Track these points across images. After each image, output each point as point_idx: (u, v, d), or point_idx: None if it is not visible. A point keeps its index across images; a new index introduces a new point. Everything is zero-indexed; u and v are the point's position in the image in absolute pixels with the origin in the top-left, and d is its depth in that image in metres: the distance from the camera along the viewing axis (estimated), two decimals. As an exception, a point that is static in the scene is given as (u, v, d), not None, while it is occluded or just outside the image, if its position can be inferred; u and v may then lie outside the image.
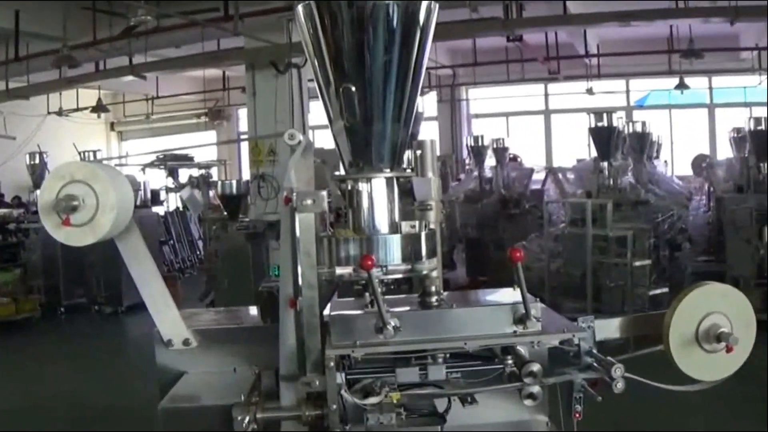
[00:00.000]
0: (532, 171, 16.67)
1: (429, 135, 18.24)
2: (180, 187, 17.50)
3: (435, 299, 3.01)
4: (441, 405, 3.00)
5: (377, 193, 3.14)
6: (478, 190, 15.95)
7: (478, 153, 16.62)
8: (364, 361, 2.85)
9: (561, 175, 15.65)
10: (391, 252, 3.03)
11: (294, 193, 2.96)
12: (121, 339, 12.74)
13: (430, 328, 2.84)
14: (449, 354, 2.96)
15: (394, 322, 2.74)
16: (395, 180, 3.18)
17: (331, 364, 2.76)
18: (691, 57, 16.63)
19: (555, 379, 2.92)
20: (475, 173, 16.60)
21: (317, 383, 2.82)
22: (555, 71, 19.12)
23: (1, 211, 15.95)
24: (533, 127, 23.96)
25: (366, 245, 3.02)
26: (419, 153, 3.45)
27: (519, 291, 2.79)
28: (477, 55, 19.38)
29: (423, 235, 3.12)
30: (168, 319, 3.61)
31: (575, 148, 18.37)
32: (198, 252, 20.18)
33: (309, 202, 2.93)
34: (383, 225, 3.14)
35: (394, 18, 2.99)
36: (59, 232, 3.08)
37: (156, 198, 19.39)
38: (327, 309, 3.06)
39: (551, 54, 18.28)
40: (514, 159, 17.81)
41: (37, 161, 16.40)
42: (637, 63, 20.00)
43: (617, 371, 2.83)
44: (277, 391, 3.04)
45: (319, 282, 2.97)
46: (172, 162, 17.98)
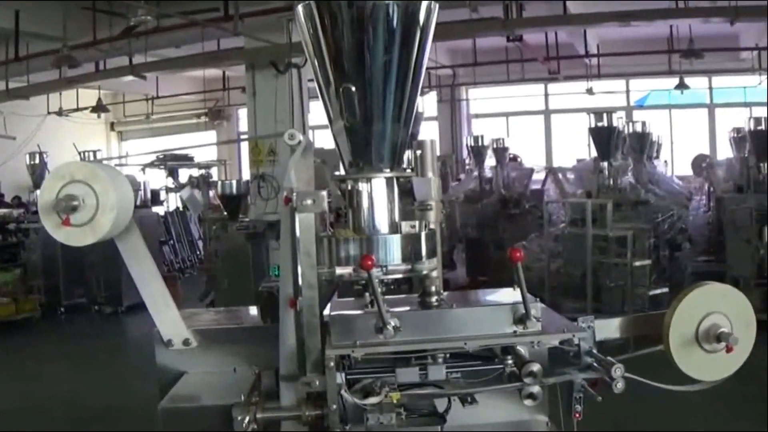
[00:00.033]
0: (532, 171, 16.66)
1: (429, 135, 18.23)
2: (180, 187, 17.50)
3: (435, 299, 3.00)
4: (441, 405, 3.00)
5: (377, 193, 3.14)
6: (478, 190, 15.94)
7: (478, 153, 16.61)
8: (364, 361, 2.85)
9: (561, 175, 15.64)
10: (391, 252, 3.03)
11: (294, 193, 2.96)
12: (121, 339, 12.73)
13: (430, 328, 2.84)
14: (449, 354, 2.96)
15: (394, 322, 2.74)
16: (395, 180, 3.18)
17: (331, 364, 2.76)
18: (691, 57, 16.63)
19: (555, 379, 2.93)
20: (475, 173, 16.59)
21: (317, 383, 2.82)
22: (555, 71, 19.11)
23: (1, 211, 15.94)
24: (533, 127, 23.95)
25: (366, 245, 3.02)
26: (419, 153, 3.45)
27: (519, 291, 2.79)
28: (477, 55, 19.39)
29: (423, 235, 3.12)
30: (168, 319, 3.61)
31: (575, 148, 18.38)
32: (198, 252, 20.17)
33: (309, 202, 2.93)
34: (383, 225, 3.14)
35: (394, 18, 3.00)
36: (59, 232, 3.08)
37: (156, 198, 19.38)
38: (327, 309, 3.06)
39: (551, 54, 18.27)
40: (514, 159, 17.80)
41: (37, 161, 16.39)
42: (637, 63, 19.99)
43: (617, 371, 2.83)
44: (277, 391, 3.04)
45: (319, 282, 2.97)
46: (172, 162, 17.98)
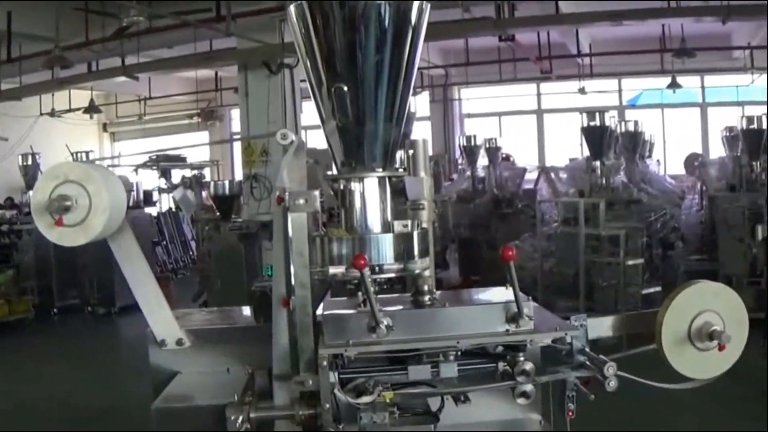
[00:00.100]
0: (524, 170, 16.68)
1: (422, 135, 18.22)
2: (173, 188, 17.52)
3: (428, 298, 3.01)
4: (434, 404, 3.01)
5: (369, 193, 3.14)
6: (470, 189, 15.96)
7: (470, 153, 16.63)
8: (357, 361, 2.85)
9: (553, 175, 15.66)
10: (384, 251, 3.04)
11: (287, 193, 2.96)
12: (115, 340, 12.72)
13: (422, 327, 2.84)
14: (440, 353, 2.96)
15: (386, 321, 2.75)
16: (387, 179, 3.19)
17: (324, 363, 2.76)
18: (684, 56, 16.65)
19: (548, 378, 2.93)
20: (468, 173, 16.61)
21: (310, 382, 2.82)
22: (547, 71, 19.15)
23: (-6, 213, 15.90)
24: (526, 127, 23.96)
25: (358, 244, 3.03)
26: (411, 152, 3.46)
27: (511, 290, 2.80)
28: (469, 55, 19.42)
29: (415, 235, 3.13)
30: (161, 320, 3.61)
31: (568, 147, 18.35)
32: (191, 252, 20.13)
33: (301, 201, 2.93)
34: (376, 224, 3.14)
35: (385, 18, 3.00)
36: (52, 232, 3.08)
37: (149, 199, 19.37)
38: (320, 308, 3.06)
39: (543, 53, 18.29)
40: (506, 158, 17.80)
41: (30, 162, 16.34)
42: (630, 62, 20.01)
43: (610, 369, 2.83)
44: (271, 391, 3.04)
45: (312, 281, 2.97)
46: (164, 163, 17.98)
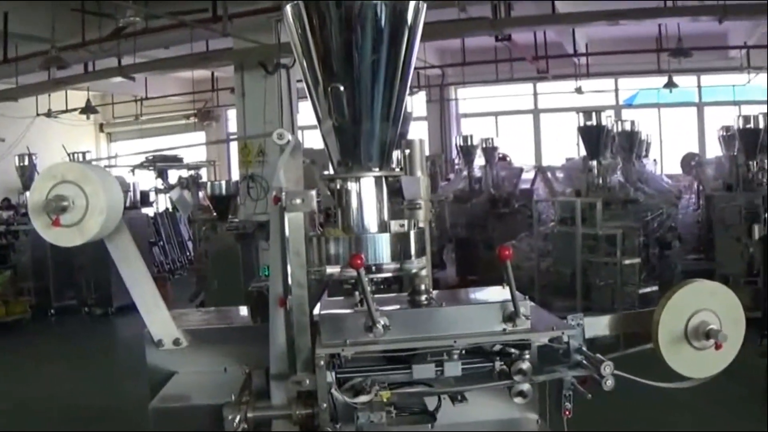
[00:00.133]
0: (521, 170, 16.65)
1: (418, 135, 18.22)
2: (169, 188, 17.48)
3: (424, 298, 3.01)
4: (431, 404, 3.01)
5: (366, 193, 3.14)
6: (467, 189, 15.93)
7: (467, 152, 16.59)
8: (354, 360, 2.85)
9: (550, 174, 15.62)
10: (381, 251, 3.04)
11: (283, 193, 2.96)
12: (112, 340, 12.71)
13: (419, 326, 2.85)
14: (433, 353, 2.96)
15: (383, 320, 2.75)
16: (384, 179, 3.19)
17: (321, 363, 2.77)
18: (680, 56, 16.66)
19: (545, 377, 2.94)
20: (465, 173, 16.57)
21: (307, 382, 2.82)
22: (544, 70, 19.13)
23: (-9, 213, 15.88)
24: (522, 127, 23.98)
25: (355, 244, 3.03)
26: (408, 152, 3.46)
27: (508, 289, 2.80)
28: (466, 55, 19.40)
29: (412, 234, 3.13)
30: (158, 320, 3.60)
31: (564, 147, 18.46)
32: (188, 253, 20.11)
33: (298, 201, 2.93)
34: (372, 224, 3.14)
35: (382, 18, 3.00)
36: (49, 232, 3.08)
37: (145, 199, 19.32)
38: (317, 308, 3.07)
39: (540, 53, 18.27)
40: (503, 158, 17.80)
41: (27, 163, 16.30)
42: (626, 62, 20.00)
43: (607, 368, 2.84)
44: (268, 391, 3.04)
45: (309, 281, 2.97)
46: (161, 163, 17.94)
